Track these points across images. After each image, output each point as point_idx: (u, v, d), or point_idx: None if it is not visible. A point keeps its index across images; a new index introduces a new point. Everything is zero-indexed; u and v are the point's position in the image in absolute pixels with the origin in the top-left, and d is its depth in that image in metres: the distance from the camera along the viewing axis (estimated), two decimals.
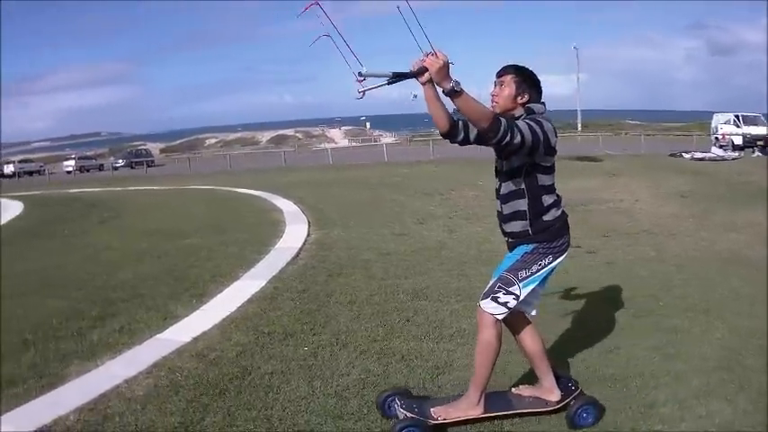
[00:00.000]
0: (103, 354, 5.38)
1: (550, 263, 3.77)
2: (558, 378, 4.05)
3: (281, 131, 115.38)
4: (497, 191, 3.86)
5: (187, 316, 6.37)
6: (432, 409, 3.81)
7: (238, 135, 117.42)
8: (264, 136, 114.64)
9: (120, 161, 59.26)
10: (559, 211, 3.79)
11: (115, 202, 19.61)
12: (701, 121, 72.78)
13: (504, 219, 3.84)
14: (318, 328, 5.85)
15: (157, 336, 5.81)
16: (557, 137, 3.62)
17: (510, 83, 3.66)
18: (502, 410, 3.89)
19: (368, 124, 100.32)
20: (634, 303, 6.39)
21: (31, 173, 59.71)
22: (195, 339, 5.63)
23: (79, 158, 64.46)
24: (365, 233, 10.54)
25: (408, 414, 3.76)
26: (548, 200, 3.73)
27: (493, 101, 3.70)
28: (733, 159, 29.66)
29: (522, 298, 3.73)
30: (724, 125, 38.68)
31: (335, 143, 53.19)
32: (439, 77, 3.25)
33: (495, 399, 3.97)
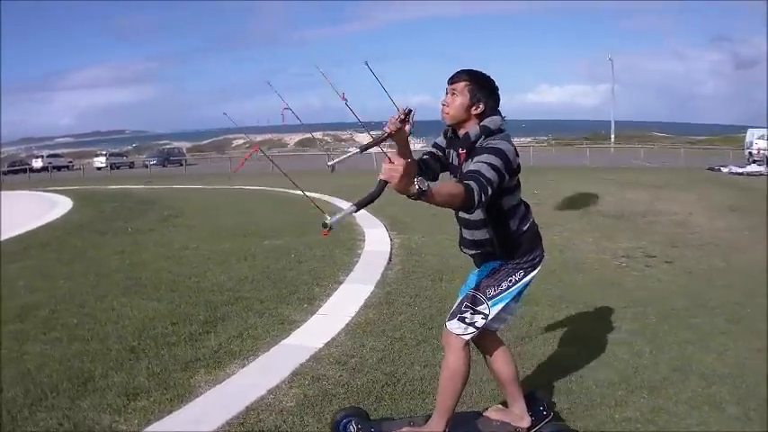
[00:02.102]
0: (230, 362, 5.16)
1: (521, 278, 3.49)
2: (530, 402, 3.84)
3: (309, 134, 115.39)
4: (456, 214, 3.52)
5: (305, 321, 6.19)
6: None
7: (266, 137, 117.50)
8: (292, 138, 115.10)
9: (153, 159, 58.71)
10: (527, 225, 3.49)
11: (170, 200, 19.47)
12: (728, 135, 72.96)
13: (467, 244, 3.57)
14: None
15: (283, 342, 5.61)
16: (518, 155, 3.28)
17: (463, 91, 3.30)
18: None
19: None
20: (725, 310, 6.50)
21: (59, 168, 59.82)
22: (328, 345, 5.46)
23: (110, 155, 64.45)
24: (443, 239, 10.28)
25: None
26: (514, 221, 3.43)
27: (443, 111, 3.37)
28: None
29: (491, 317, 3.47)
30: (759, 140, 38.20)
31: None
32: (401, 186, 2.59)
33: (460, 423, 3.71)
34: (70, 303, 7.02)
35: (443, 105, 3.36)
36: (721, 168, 31.71)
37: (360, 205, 2.67)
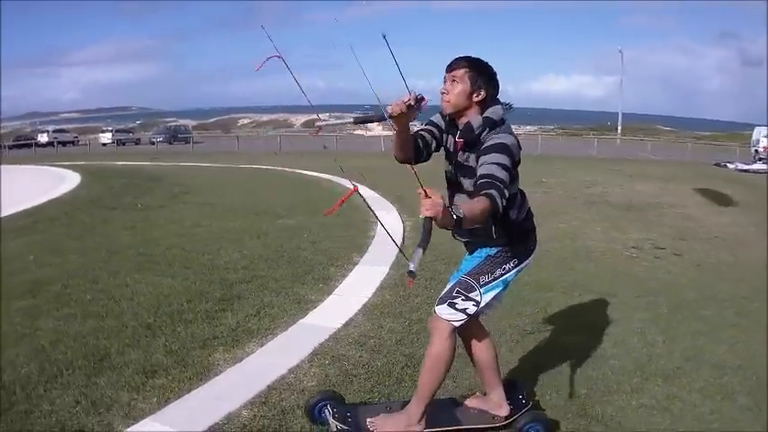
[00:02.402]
0: (248, 340, 5.15)
1: (515, 266, 3.47)
2: (509, 391, 3.80)
3: (314, 115, 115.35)
4: (449, 200, 3.48)
5: (321, 301, 6.21)
6: (368, 420, 3.55)
7: (272, 116, 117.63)
8: (298, 119, 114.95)
9: (160, 136, 58.75)
10: (524, 214, 3.48)
11: (178, 178, 19.54)
12: (733, 131, 73.14)
13: (461, 232, 3.46)
14: None
15: (301, 321, 5.62)
16: (521, 147, 3.23)
17: (464, 77, 3.23)
18: (445, 425, 3.61)
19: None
20: (733, 303, 6.56)
21: (65, 143, 59.65)
22: (346, 326, 5.48)
23: (116, 131, 64.38)
24: None
25: (341, 425, 3.54)
26: (513, 210, 3.38)
27: (443, 99, 3.28)
28: None
29: (482, 304, 3.41)
30: (765, 138, 38.11)
31: (370, 131, 52.74)
32: (445, 219, 2.60)
33: (438, 410, 3.65)
34: (82, 279, 6.99)
35: (443, 93, 3.28)
36: (728, 164, 31.76)
37: (424, 245, 2.59)
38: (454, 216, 2.66)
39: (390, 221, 10.78)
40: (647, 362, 4.87)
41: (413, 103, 3.08)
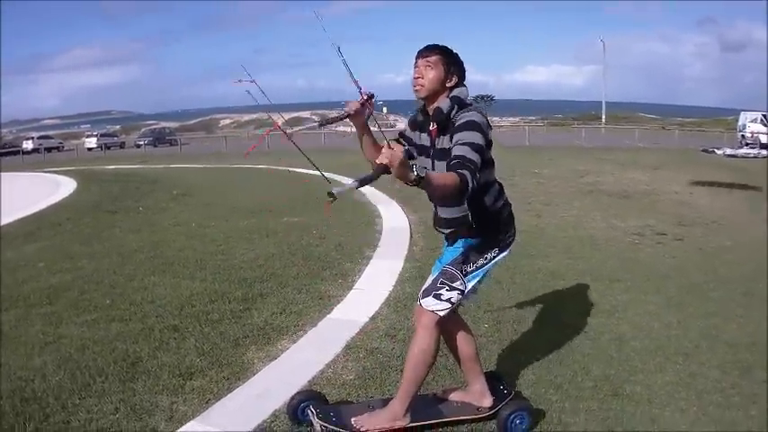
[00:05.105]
0: (279, 337, 5.17)
1: (496, 255, 3.51)
2: (491, 381, 3.81)
3: (296, 114, 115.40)
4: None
5: (344, 296, 6.28)
6: (352, 419, 3.52)
7: (253, 116, 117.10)
8: (279, 119, 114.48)
9: (145, 140, 58.69)
10: (501, 203, 3.50)
11: (174, 180, 19.50)
12: (717, 117, 74.15)
13: (441, 223, 3.56)
14: (484, 306, 5.80)
15: (329, 317, 5.69)
16: (491, 127, 3.30)
17: (438, 64, 3.31)
18: (429, 419, 3.60)
19: (385, 109, 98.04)
20: (741, 285, 6.81)
21: (50, 149, 59.27)
22: (373, 319, 5.55)
23: (101, 136, 64.07)
24: None
25: (326, 425, 3.49)
26: (489, 197, 3.41)
27: (416, 84, 3.34)
28: (764, 158, 29.44)
29: (466, 293, 3.47)
30: (751, 123, 38.62)
31: (352, 127, 52.64)
32: (400, 171, 2.73)
33: (421, 404, 3.63)
34: (99, 284, 6.95)
35: (417, 78, 3.34)
36: (715, 150, 32.21)
37: (361, 180, 2.81)
38: (416, 173, 2.73)
39: (393, 212, 11.06)
40: (666, 342, 5.08)
41: (364, 101, 3.29)
